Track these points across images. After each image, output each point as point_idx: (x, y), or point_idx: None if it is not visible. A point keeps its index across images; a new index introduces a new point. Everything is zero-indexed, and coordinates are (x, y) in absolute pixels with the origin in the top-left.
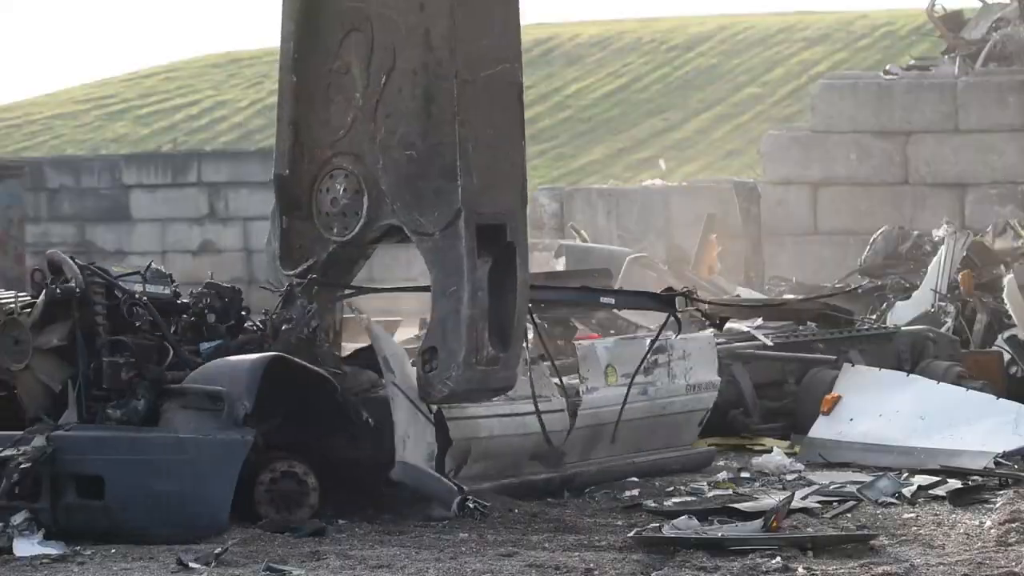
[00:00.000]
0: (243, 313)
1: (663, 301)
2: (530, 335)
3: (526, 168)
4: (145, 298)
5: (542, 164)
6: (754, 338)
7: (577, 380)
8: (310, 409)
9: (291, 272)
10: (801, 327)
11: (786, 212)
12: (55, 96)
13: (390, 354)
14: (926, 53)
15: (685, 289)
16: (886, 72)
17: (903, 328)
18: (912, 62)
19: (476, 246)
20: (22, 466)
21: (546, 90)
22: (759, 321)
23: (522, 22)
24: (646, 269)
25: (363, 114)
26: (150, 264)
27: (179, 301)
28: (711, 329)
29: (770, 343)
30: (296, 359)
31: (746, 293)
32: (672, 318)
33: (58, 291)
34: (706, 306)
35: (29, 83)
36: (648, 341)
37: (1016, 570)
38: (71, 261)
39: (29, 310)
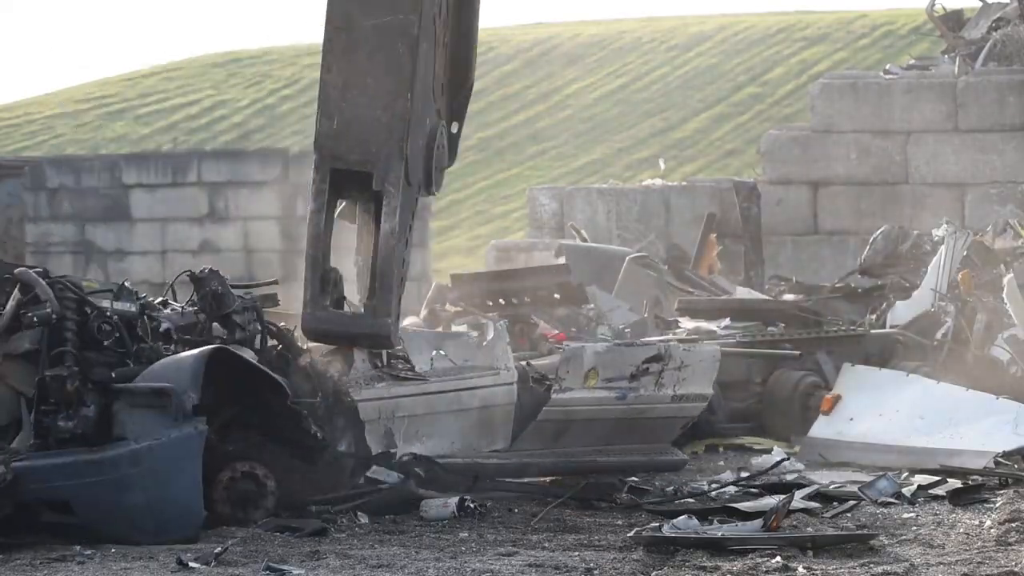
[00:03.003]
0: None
1: None
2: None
3: (409, 118)
4: (115, 317)
5: (542, 164)
6: (720, 337)
7: (554, 377)
8: (260, 413)
9: None
10: (771, 328)
11: (786, 212)
12: (55, 96)
13: None
14: (926, 53)
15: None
16: (886, 72)
17: (872, 331)
18: (912, 62)
19: (326, 188)
20: None
21: (546, 90)
22: (727, 321)
23: None
24: (646, 269)
25: None
26: (123, 283)
27: (144, 316)
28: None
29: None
30: (238, 352)
31: (745, 293)
32: None
33: (34, 318)
34: None
35: (29, 83)
36: (641, 349)
37: (1016, 570)
38: (43, 282)
39: None
